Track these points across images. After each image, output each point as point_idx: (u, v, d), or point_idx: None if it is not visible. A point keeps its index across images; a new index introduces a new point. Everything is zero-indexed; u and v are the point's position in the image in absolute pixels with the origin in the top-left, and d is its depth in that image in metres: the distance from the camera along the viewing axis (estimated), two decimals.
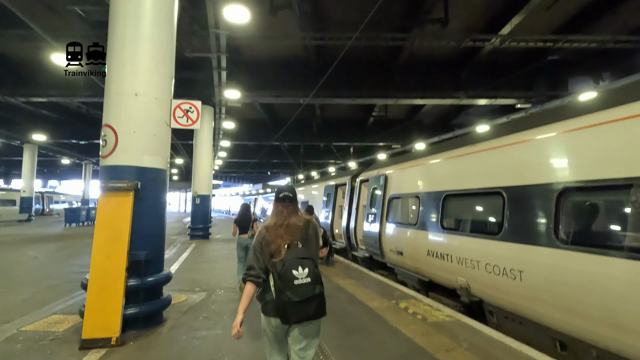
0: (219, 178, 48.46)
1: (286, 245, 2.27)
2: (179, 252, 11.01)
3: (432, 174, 6.27)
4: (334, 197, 11.50)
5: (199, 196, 14.36)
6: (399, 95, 14.25)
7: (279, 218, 2.40)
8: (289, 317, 2.12)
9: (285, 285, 2.09)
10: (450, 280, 5.45)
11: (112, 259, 4.10)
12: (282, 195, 2.48)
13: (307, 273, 2.14)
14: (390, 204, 7.61)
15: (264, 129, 22.46)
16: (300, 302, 2.09)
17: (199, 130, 14.82)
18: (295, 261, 2.16)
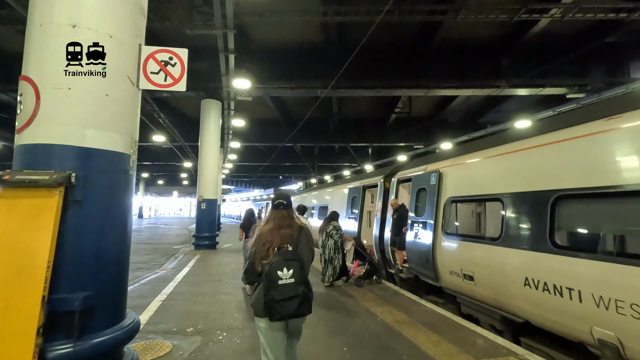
0: (230, 183, 46.87)
1: (276, 248, 2.39)
2: (178, 267, 9.14)
3: (531, 165, 4.24)
4: (361, 202, 9.53)
5: (205, 200, 12.53)
6: (432, 85, 12.27)
7: (274, 223, 2.51)
8: (272, 314, 2.26)
9: (270, 284, 2.24)
10: (576, 330, 3.42)
11: (13, 310, 2.19)
12: (277, 202, 2.62)
13: (292, 274, 2.26)
14: (448, 209, 5.61)
15: (277, 129, 20.66)
16: (283, 301, 2.22)
17: (204, 127, 13.04)
18: (282, 262, 2.28)
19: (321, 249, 6.73)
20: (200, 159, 12.94)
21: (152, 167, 35.66)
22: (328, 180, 31.44)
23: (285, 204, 2.62)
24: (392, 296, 6.14)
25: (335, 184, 12.87)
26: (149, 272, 8.46)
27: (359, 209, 9.56)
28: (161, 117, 15.83)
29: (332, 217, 6.84)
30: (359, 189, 9.84)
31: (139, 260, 10.15)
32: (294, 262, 2.32)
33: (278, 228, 2.49)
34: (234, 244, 14.59)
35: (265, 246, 2.42)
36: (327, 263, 6.65)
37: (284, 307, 2.24)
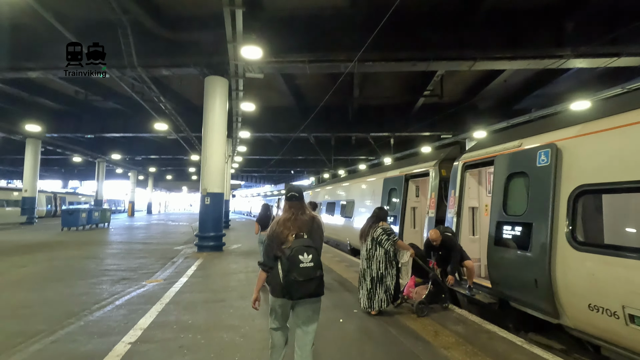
0: (239, 178, 44.97)
1: (293, 235, 2.57)
2: (173, 277, 7.11)
3: None
4: (403, 196, 7.37)
5: (210, 195, 10.49)
6: (479, 55, 9.99)
7: (289, 214, 2.69)
8: (293, 294, 2.42)
9: (292, 266, 2.40)
10: None
11: None
12: (289, 195, 2.78)
13: (311, 259, 2.44)
14: (580, 204, 3.44)
15: (290, 118, 18.53)
16: (304, 282, 2.40)
17: (209, 108, 10.98)
18: (302, 248, 2.46)
19: (364, 262, 4.61)
20: (204, 146, 10.89)
21: (160, 162, 33.90)
22: (342, 174, 29.24)
23: (298, 196, 2.78)
24: (480, 336, 3.98)
25: (362, 175, 10.69)
26: (134, 285, 6.45)
27: (400, 205, 7.39)
28: (162, 101, 13.86)
29: (378, 216, 4.67)
30: (398, 180, 7.68)
31: (128, 267, 8.17)
32: (311, 249, 2.49)
33: (294, 217, 2.65)
34: (244, 244, 12.56)
35: (284, 233, 2.58)
36: (376, 283, 4.51)
37: (305, 287, 2.41)
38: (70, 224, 16.96)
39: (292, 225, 2.61)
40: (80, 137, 24.93)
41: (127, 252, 10.59)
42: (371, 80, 14.77)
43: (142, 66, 10.74)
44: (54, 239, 13.55)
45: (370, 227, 4.58)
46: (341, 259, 9.19)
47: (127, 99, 17.33)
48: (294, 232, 2.57)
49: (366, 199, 9.33)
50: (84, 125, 20.33)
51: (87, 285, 6.34)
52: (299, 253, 2.42)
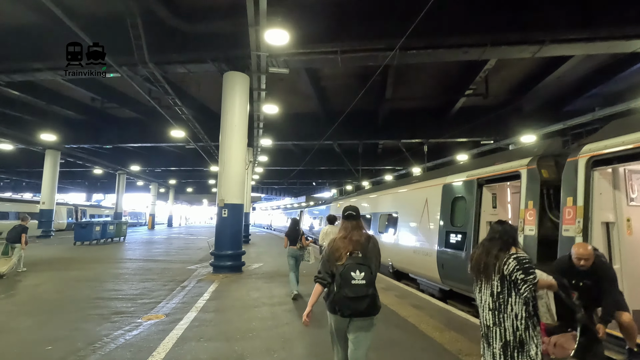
0: (259, 190, 43.69)
1: (348, 253, 2.56)
2: (179, 311, 5.45)
3: None
4: (476, 207, 5.53)
5: (228, 206, 8.92)
6: (547, 37, 8.14)
7: (345, 232, 2.70)
8: (343, 311, 2.44)
9: (344, 283, 2.42)
10: None
11: None
12: (347, 214, 2.79)
13: (363, 277, 2.43)
14: None
15: (314, 124, 17.01)
16: (354, 298, 2.40)
17: (227, 107, 9.52)
18: (354, 265, 2.47)
19: (487, 315, 2.60)
20: (221, 150, 9.39)
21: (180, 174, 33.01)
22: (367, 186, 27.37)
23: (355, 215, 2.79)
24: None
25: (407, 183, 8.85)
26: (126, 323, 4.83)
27: (472, 220, 5.55)
28: (178, 104, 12.58)
29: (507, 238, 2.65)
30: (467, 186, 5.86)
31: (127, 294, 6.60)
32: (364, 267, 2.48)
33: (350, 236, 2.66)
34: (266, 263, 10.87)
35: (338, 251, 2.59)
36: (512, 351, 2.46)
37: (355, 304, 2.41)
38: (83, 238, 15.77)
39: (347, 243, 2.63)
40: (99, 149, 24.23)
41: (134, 272, 9.08)
42: (405, 79, 13.08)
43: (154, 63, 9.44)
44: (61, 255, 12.27)
45: (496, 256, 2.69)
46: (386, 286, 7.35)
47: (144, 106, 16.26)
48: (349, 250, 2.59)
49: (415, 211, 7.50)
50: (102, 135, 19.44)
51: (65, 325, 4.76)
52: (351, 270, 2.44)
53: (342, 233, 2.73)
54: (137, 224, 44.25)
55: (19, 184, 38.93)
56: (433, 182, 7.03)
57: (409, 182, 8.56)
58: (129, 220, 44.44)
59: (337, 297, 2.44)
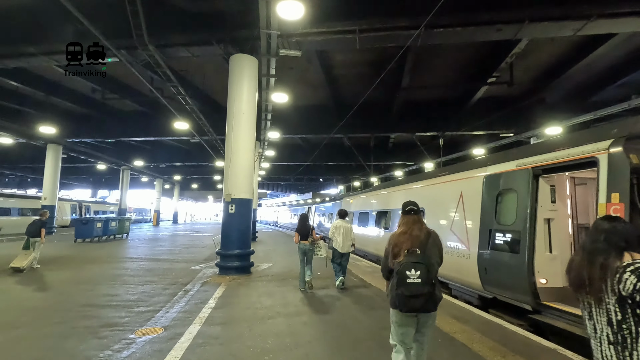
0: (265, 187, 42.89)
1: (406, 250, 2.52)
2: (178, 324, 4.59)
3: None
4: (532, 201, 4.61)
5: (235, 202, 8.06)
6: (594, 12, 7.15)
7: (405, 227, 2.66)
8: (401, 307, 2.44)
9: (400, 281, 2.42)
10: None
11: None
12: (407, 209, 2.78)
13: (419, 275, 2.39)
14: None
15: (324, 116, 16.11)
16: (410, 297, 2.38)
17: (234, 93, 8.62)
18: (410, 264, 2.42)
19: (606, 351, 1.61)
20: (227, 140, 8.52)
21: (185, 169, 32.26)
22: (375, 182, 26.41)
23: (415, 210, 2.76)
24: None
25: (436, 175, 7.89)
26: (117, 339, 4.00)
27: (527, 217, 4.63)
28: (182, 93, 11.73)
29: (618, 236, 1.83)
30: (518, 177, 4.93)
31: (123, 300, 5.78)
32: (421, 265, 2.42)
33: (410, 232, 2.61)
34: (276, 263, 10.01)
35: (397, 247, 2.57)
36: None
37: (412, 303, 2.40)
38: (84, 235, 15.04)
39: (406, 239, 2.57)
40: (102, 143, 23.51)
41: (133, 273, 8.27)
42: (424, 66, 12.12)
43: (154, 45, 8.58)
44: (59, 253, 11.50)
45: (603, 267, 1.79)
46: None
47: (146, 98, 15.44)
48: (407, 247, 2.53)
49: (446, 207, 6.58)
50: (104, 129, 18.69)
51: (42, 342, 3.94)
52: (406, 269, 2.41)
53: (402, 228, 2.67)
54: (142, 221, 43.66)
55: (24, 180, 38.47)
56: (470, 174, 6.10)
57: (437, 175, 7.62)
58: (134, 217, 43.92)
59: (395, 294, 2.46)
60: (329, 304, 5.62)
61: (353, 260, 10.75)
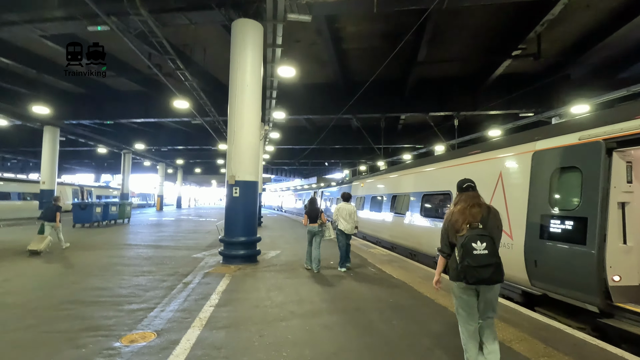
0: (268, 171, 42.03)
1: (467, 224, 2.55)
2: (175, 327, 3.77)
3: None
4: (603, 181, 3.72)
5: (239, 184, 7.23)
6: None
7: (465, 204, 2.65)
8: (468, 279, 2.43)
9: (466, 254, 2.43)
10: None
11: None
12: (465, 185, 2.77)
13: (485, 246, 2.42)
14: None
15: (332, 95, 15.11)
16: (478, 267, 2.39)
17: (236, 65, 7.65)
18: (475, 236, 2.46)
19: None
20: (230, 115, 7.60)
21: (187, 153, 31.39)
22: (382, 166, 25.45)
23: (473, 186, 2.77)
24: None
25: (462, 154, 6.96)
26: (102, 346, 3.23)
27: (597, 198, 3.75)
28: (180, 68, 10.77)
29: None
30: (587, 151, 4.01)
31: (113, 295, 5.01)
32: (486, 237, 2.46)
33: (470, 207, 2.61)
34: (284, 250, 9.24)
35: (458, 223, 2.59)
36: None
37: (480, 273, 2.39)
38: (82, 220, 14.33)
39: (467, 215, 2.58)
40: (102, 126, 22.63)
41: (129, 262, 7.52)
42: (443, 38, 11.05)
43: (148, 10, 7.58)
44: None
45: None
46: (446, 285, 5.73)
47: (144, 75, 14.47)
48: (469, 221, 2.56)
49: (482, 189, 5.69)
50: (103, 110, 17.77)
51: (8, 353, 3.16)
52: (472, 241, 2.44)
53: (461, 205, 2.67)
54: (145, 205, 43.16)
55: (27, 165, 37.81)
56: (513, 150, 5.18)
57: (467, 154, 6.70)
58: (138, 202, 43.43)
59: (462, 266, 2.46)
60: (350, 300, 4.83)
61: (366, 247, 9.98)
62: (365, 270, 6.89)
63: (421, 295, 5.11)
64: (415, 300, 4.81)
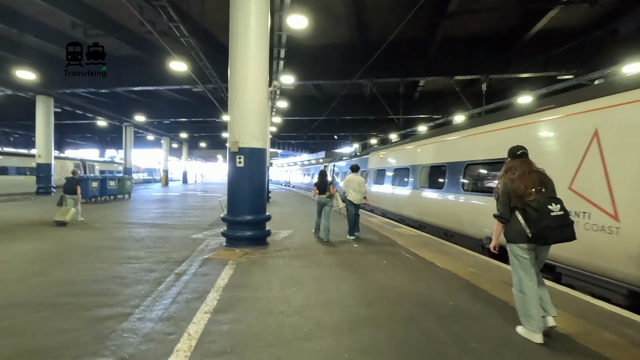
0: (275, 146, 40.51)
1: (533, 189, 2.58)
2: (154, 349, 2.57)
3: None
4: None
5: (244, 151, 5.85)
6: None
7: (522, 169, 2.69)
8: (548, 239, 2.49)
9: (542, 215, 2.45)
10: None
11: None
12: (520, 152, 2.83)
13: (560, 208, 2.48)
14: None
15: (346, 56, 13.40)
16: (559, 227, 2.45)
17: (238, 6, 6.05)
18: (549, 199, 2.51)
19: None
20: (232, 68, 6.09)
21: (191, 126, 29.88)
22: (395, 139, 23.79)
23: (526, 152, 2.83)
24: None
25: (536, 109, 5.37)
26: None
27: None
28: (175, 20, 9.17)
29: None
30: None
31: (82, 291, 3.79)
32: (558, 199, 2.53)
33: (529, 173, 2.67)
34: (297, 229, 7.96)
35: (521, 189, 2.60)
36: None
37: (561, 232, 2.46)
38: None
39: (530, 180, 2.61)
40: (99, 96, 21.11)
41: (116, 244, 6.30)
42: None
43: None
44: (40, 216, 9.62)
45: None
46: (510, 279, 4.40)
47: (136, 35, 12.84)
48: (534, 186, 2.59)
49: (564, 154, 4.26)
50: (97, 78, 16.17)
51: None
52: (547, 204, 2.47)
53: (518, 171, 2.69)
54: (152, 181, 42.20)
55: (30, 140, 36.67)
56: (619, 99, 3.69)
57: (530, 111, 5.18)
58: (145, 177, 42.49)
59: (538, 228, 2.47)
60: (395, 302, 3.54)
61: (390, 226, 8.65)
62: (399, 255, 5.60)
63: (487, 294, 3.80)
64: (482, 304, 3.50)
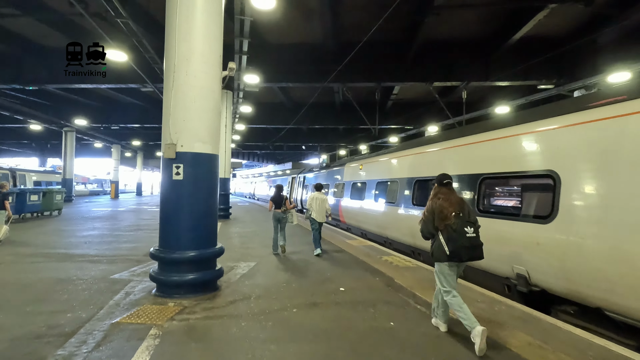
0: (239, 156, 38.02)
1: (453, 213, 2.97)
2: None
3: None
4: None
5: (187, 157, 3.95)
6: None
7: (445, 196, 3.10)
8: (462, 257, 2.92)
9: (459, 237, 2.89)
10: None
11: None
12: (445, 182, 3.20)
13: (473, 231, 2.94)
14: None
15: (317, 57, 11.88)
16: (471, 247, 2.91)
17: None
18: (465, 223, 2.94)
19: None
20: (167, 37, 4.20)
21: (145, 133, 26.76)
22: (364, 150, 22.56)
23: (451, 182, 3.21)
24: None
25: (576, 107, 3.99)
26: None
27: None
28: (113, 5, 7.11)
29: None
30: None
31: None
32: (472, 224, 2.97)
33: (450, 200, 3.07)
34: (262, 260, 6.03)
35: (443, 212, 3.00)
36: None
37: (473, 252, 2.92)
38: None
39: (450, 206, 3.01)
40: (32, 96, 17.88)
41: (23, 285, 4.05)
42: None
43: None
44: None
45: None
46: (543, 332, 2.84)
47: (63, 17, 10.43)
48: (453, 211, 2.98)
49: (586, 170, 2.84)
50: (23, 71, 13.45)
51: None
52: (463, 226, 2.91)
53: (443, 196, 3.10)
54: (101, 193, 37.74)
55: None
56: None
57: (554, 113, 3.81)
58: (94, 188, 38.05)
59: (457, 247, 2.89)
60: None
61: (378, 254, 6.95)
62: (408, 308, 3.88)
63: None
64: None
